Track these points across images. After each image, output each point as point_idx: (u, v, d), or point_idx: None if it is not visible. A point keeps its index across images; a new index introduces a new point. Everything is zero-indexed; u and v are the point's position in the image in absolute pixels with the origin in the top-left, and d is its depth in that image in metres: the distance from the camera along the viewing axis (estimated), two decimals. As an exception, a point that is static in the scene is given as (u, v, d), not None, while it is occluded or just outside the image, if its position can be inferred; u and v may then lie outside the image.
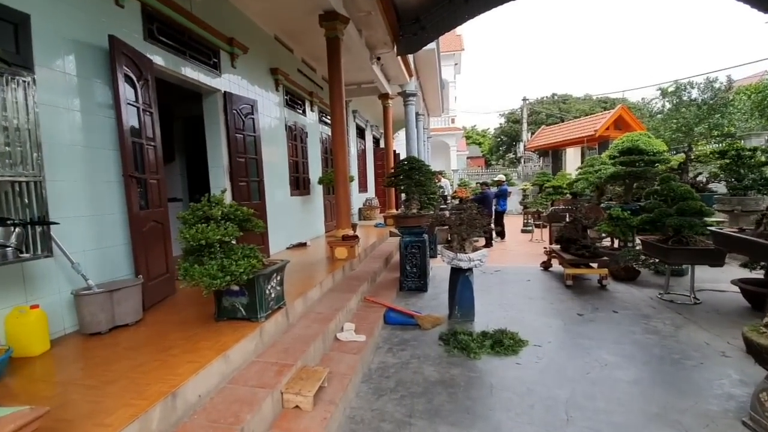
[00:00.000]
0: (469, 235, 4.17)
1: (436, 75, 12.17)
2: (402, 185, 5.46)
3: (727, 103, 16.30)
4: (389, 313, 4.31)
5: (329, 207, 9.15)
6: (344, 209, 5.52)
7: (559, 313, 4.46)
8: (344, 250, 5.41)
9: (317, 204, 8.20)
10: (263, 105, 5.94)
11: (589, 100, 32.21)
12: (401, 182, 5.43)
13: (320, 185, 8.15)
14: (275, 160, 6.32)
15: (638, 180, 7.23)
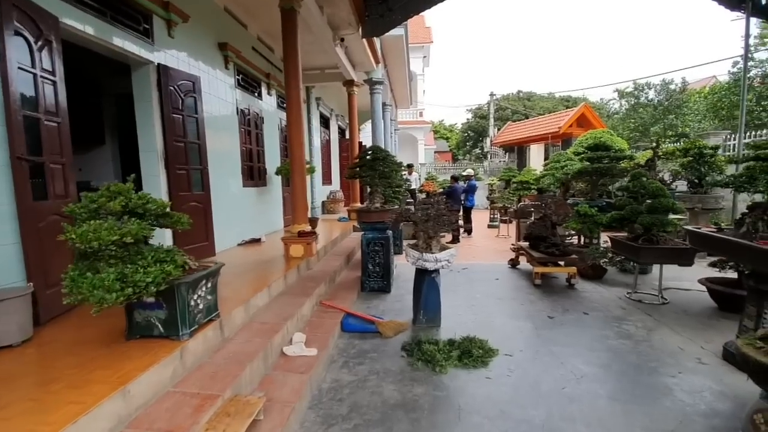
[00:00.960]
0: (436, 232, 3.78)
1: (404, 64, 11.75)
2: (365, 177, 5.00)
3: (682, 104, 17.07)
4: (347, 319, 3.87)
5: (289, 199, 8.53)
6: (301, 203, 4.99)
7: (529, 316, 4.18)
8: (300, 248, 4.89)
9: (275, 196, 7.58)
10: (209, 83, 5.26)
11: (552, 99, 32.96)
12: (364, 174, 4.97)
13: (278, 176, 7.53)
14: (224, 146, 5.66)
15: (604, 176, 7.17)
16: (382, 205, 5.06)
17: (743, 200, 7.25)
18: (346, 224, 8.74)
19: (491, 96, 22.82)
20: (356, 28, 6.82)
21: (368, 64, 9.02)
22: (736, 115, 13.15)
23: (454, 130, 45.52)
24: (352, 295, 4.63)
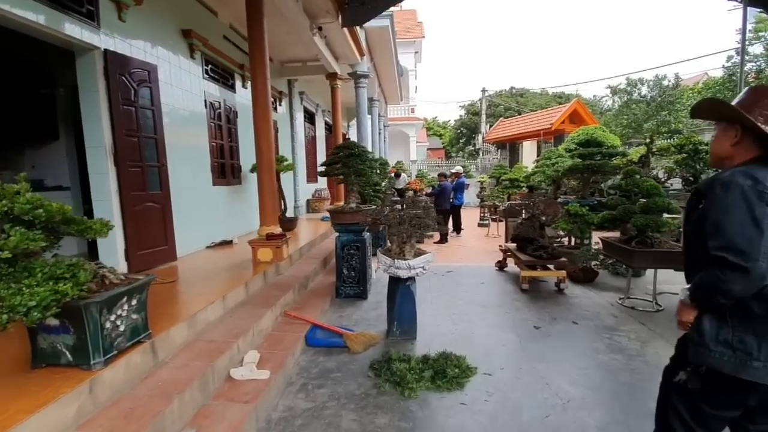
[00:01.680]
0: (410, 237, 3.42)
1: (391, 57, 11.35)
2: (338, 175, 4.62)
3: (675, 100, 16.89)
4: (313, 331, 3.50)
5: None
6: (269, 203, 4.61)
7: (514, 326, 3.85)
8: (268, 252, 4.51)
9: (252, 195, 7.15)
10: (170, 73, 4.84)
11: (545, 95, 32.74)
12: (337, 171, 4.59)
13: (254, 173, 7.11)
14: (189, 141, 5.25)
15: (596, 174, 6.87)
16: (357, 205, 4.69)
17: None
18: (328, 224, 8.36)
19: (483, 92, 22.50)
20: (335, 17, 6.42)
21: (352, 56, 8.62)
22: (730, 111, 12.93)
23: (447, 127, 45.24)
24: (324, 302, 4.27)
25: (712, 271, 1.21)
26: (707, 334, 1.27)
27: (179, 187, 4.90)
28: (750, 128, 1.25)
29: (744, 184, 1.18)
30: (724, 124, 1.34)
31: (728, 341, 1.23)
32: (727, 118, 1.32)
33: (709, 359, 1.26)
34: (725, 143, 1.32)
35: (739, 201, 1.17)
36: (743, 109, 1.25)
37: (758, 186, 1.17)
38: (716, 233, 1.21)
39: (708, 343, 1.27)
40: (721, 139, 1.34)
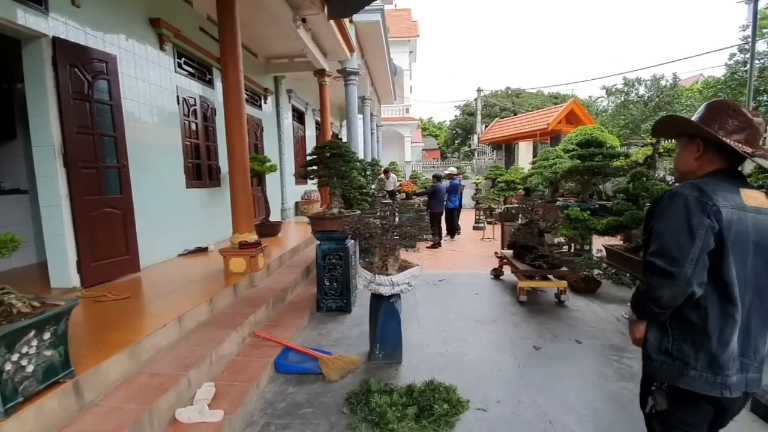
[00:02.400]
0: (395, 247, 3.03)
1: (383, 54, 10.94)
2: (319, 176, 4.22)
3: (673, 100, 16.63)
4: (286, 354, 3.10)
5: (254, 201, 7.70)
6: (243, 207, 4.20)
7: (511, 345, 3.46)
8: (241, 262, 4.10)
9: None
10: (134, 65, 4.42)
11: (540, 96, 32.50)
12: (318, 173, 4.19)
13: (236, 175, 6.67)
14: (157, 140, 4.82)
15: (596, 175, 6.51)
16: (341, 210, 4.29)
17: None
18: (315, 228, 7.95)
19: (478, 92, 22.17)
20: (320, 8, 6.01)
21: (341, 52, 8.20)
22: (730, 111, 12.65)
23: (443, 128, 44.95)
24: (302, 318, 3.86)
25: (645, 278, 1.24)
26: (651, 344, 1.29)
27: (145, 191, 4.48)
28: (711, 141, 1.26)
29: (689, 195, 1.20)
30: (686, 139, 1.34)
31: (668, 350, 1.24)
32: (688, 133, 1.33)
33: (653, 369, 1.29)
34: (689, 158, 1.33)
35: (681, 210, 1.19)
36: (703, 124, 1.26)
37: (703, 198, 1.18)
38: (654, 240, 1.24)
39: (651, 353, 1.28)
40: (684, 154, 1.35)
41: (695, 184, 1.23)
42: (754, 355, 1.20)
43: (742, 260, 1.17)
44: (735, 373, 1.17)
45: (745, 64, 12.42)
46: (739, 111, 1.25)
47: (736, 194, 1.20)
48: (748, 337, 1.19)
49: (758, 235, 1.18)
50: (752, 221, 1.18)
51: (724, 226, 1.15)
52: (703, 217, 1.16)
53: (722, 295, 1.17)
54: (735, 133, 1.22)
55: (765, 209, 1.20)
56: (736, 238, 1.16)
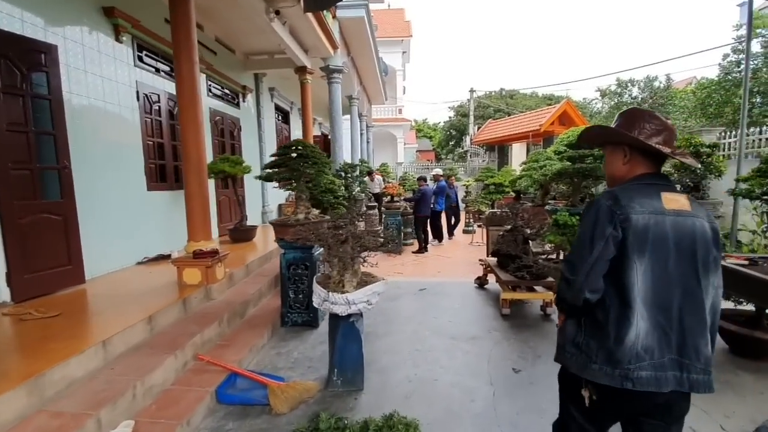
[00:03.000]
0: (354, 260, 2.68)
1: (371, 52, 10.60)
2: (283, 180, 3.87)
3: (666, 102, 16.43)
4: (231, 381, 2.73)
5: (227, 204, 7.34)
6: (198, 213, 3.83)
7: (488, 368, 3.12)
8: (196, 273, 3.73)
9: (203, 201, 6.34)
10: (82, 57, 4.05)
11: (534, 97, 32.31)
12: (281, 176, 3.83)
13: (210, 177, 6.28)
14: (112, 139, 4.45)
15: (587, 178, 6.20)
16: (307, 216, 3.93)
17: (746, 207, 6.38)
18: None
19: (471, 92, 21.90)
20: (295, 0, 5.67)
21: (323, 48, 7.87)
22: (725, 112, 12.44)
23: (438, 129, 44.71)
24: (261, 335, 3.49)
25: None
26: (567, 336, 1.35)
27: (96, 194, 4.11)
28: (635, 146, 1.33)
29: (603, 204, 1.27)
30: (611, 146, 1.40)
31: (579, 344, 1.30)
32: (614, 141, 1.39)
33: (563, 358, 1.35)
34: (617, 163, 1.39)
35: (592, 219, 1.27)
36: (624, 130, 1.32)
37: (615, 206, 1.24)
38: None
39: (565, 344, 1.35)
40: (612, 160, 1.41)
41: (614, 192, 1.30)
42: (695, 356, 1.21)
43: (664, 263, 1.22)
44: (647, 369, 1.20)
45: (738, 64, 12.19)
46: (654, 116, 1.33)
47: (656, 199, 1.25)
48: (685, 337, 1.22)
49: (678, 237, 1.23)
50: (671, 224, 1.23)
51: (632, 233, 1.21)
52: (608, 227, 1.23)
53: (621, 298, 1.23)
54: (654, 135, 1.29)
55: (685, 212, 1.25)
56: (654, 242, 1.21)
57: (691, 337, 1.22)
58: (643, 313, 1.21)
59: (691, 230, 1.24)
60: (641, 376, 1.20)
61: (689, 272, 1.23)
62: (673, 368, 1.21)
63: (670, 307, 1.22)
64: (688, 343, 1.22)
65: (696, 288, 1.23)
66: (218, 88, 7.12)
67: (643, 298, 1.21)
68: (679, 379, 1.21)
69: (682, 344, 1.22)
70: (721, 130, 7.56)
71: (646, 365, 1.20)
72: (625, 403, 1.28)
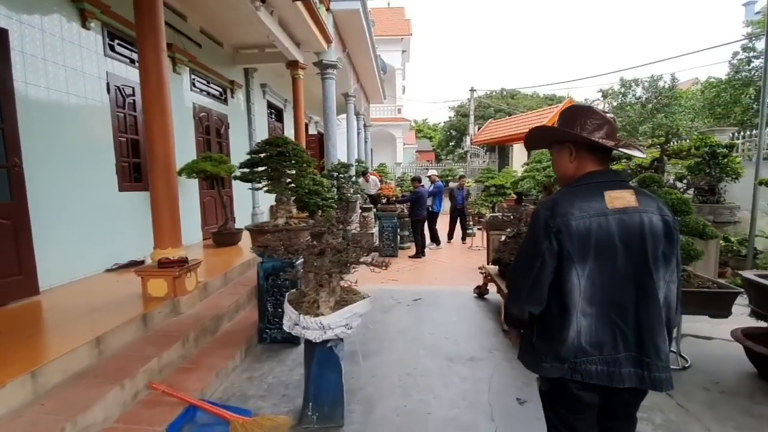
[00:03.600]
0: (332, 276, 2.28)
1: (367, 47, 10.21)
2: (260, 180, 3.48)
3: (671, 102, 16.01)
4: (187, 416, 2.34)
5: (212, 205, 6.95)
6: (166, 217, 3.43)
7: (489, 398, 2.72)
8: (161, 285, 3.34)
9: (186, 202, 5.92)
10: (41, 44, 3.66)
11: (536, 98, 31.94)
12: (257, 176, 3.44)
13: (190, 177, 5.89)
14: (76, 135, 4.06)
15: (594, 180, 5.81)
16: (288, 221, 3.54)
17: (764, 212, 5.99)
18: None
19: (471, 92, 21.50)
20: (281, -14, 5.29)
21: (316, 42, 7.48)
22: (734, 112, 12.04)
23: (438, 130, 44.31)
24: (231, 357, 3.09)
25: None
26: (525, 340, 1.42)
27: (55, 195, 3.72)
28: (580, 143, 1.34)
29: (541, 217, 1.28)
30: (557, 146, 1.41)
31: (533, 345, 1.35)
32: (559, 140, 1.40)
33: (523, 359, 1.41)
34: (564, 162, 1.39)
35: (532, 232, 1.31)
36: (566, 128, 1.34)
37: (550, 219, 1.25)
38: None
39: (524, 346, 1.42)
40: (560, 159, 1.41)
41: (554, 199, 1.31)
42: (656, 354, 1.22)
43: (612, 262, 1.23)
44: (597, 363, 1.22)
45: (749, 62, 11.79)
46: (593, 111, 1.34)
47: (599, 200, 1.25)
48: (643, 335, 1.22)
49: (625, 234, 1.23)
50: (616, 223, 1.23)
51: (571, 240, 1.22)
52: (544, 241, 1.25)
53: (561, 303, 1.25)
54: (596, 130, 1.30)
55: (631, 208, 1.24)
56: (599, 244, 1.22)
57: (650, 334, 1.22)
58: (587, 311, 1.23)
59: (638, 226, 1.23)
60: (590, 370, 1.22)
61: (641, 269, 1.23)
62: (632, 365, 1.22)
63: (625, 304, 1.23)
64: (646, 340, 1.22)
65: (650, 284, 1.22)
66: (203, 83, 6.72)
67: (589, 298, 1.22)
68: (641, 377, 1.22)
69: (640, 342, 1.22)
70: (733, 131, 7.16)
71: (595, 359, 1.22)
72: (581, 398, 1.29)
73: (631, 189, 1.29)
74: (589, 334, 1.22)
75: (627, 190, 1.28)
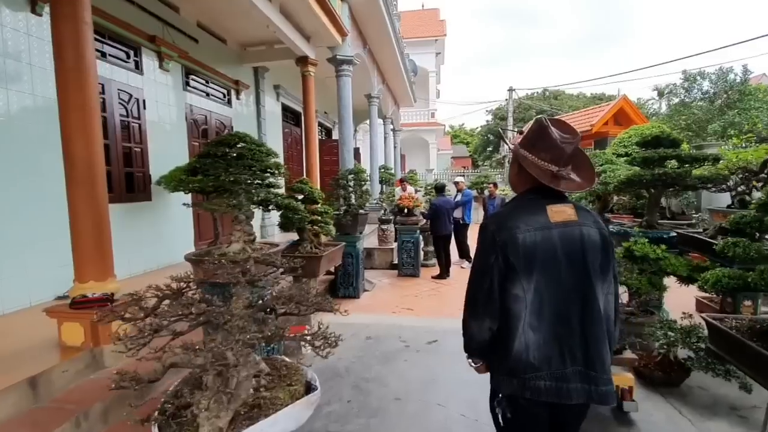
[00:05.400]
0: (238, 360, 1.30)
1: (391, 42, 9.31)
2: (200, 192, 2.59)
3: (744, 97, 13.84)
4: None
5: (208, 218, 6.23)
6: (87, 239, 2.61)
7: None
8: (77, 330, 2.52)
9: (168, 215, 5.23)
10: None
11: (582, 98, 29.68)
12: (194, 187, 2.55)
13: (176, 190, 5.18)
14: (27, 140, 3.41)
15: (668, 188, 4.47)
16: (245, 248, 2.62)
17: None
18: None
19: (510, 92, 20.02)
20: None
21: (327, 35, 6.65)
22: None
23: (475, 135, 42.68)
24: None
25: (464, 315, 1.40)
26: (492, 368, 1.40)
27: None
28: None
29: (488, 231, 1.32)
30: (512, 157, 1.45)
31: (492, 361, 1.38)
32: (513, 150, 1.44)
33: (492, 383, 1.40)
34: (512, 174, 1.46)
35: (480, 249, 1.34)
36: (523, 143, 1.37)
37: (497, 233, 1.28)
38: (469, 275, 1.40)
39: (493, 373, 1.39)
40: (510, 170, 1.49)
41: (499, 214, 1.39)
42: (601, 367, 1.22)
43: (556, 275, 1.24)
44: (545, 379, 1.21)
45: None
46: (547, 133, 1.31)
47: (542, 213, 1.28)
48: (589, 348, 1.22)
49: (567, 247, 1.25)
50: (559, 236, 1.25)
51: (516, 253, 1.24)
52: (492, 254, 1.28)
53: (508, 314, 1.26)
54: (544, 152, 1.31)
55: (571, 222, 1.28)
56: (543, 257, 1.24)
57: (595, 348, 1.23)
58: (534, 325, 1.23)
59: (578, 239, 1.26)
60: (538, 386, 1.21)
61: (583, 281, 1.25)
62: (579, 380, 1.21)
63: (569, 317, 1.24)
64: (591, 353, 1.22)
65: (591, 296, 1.24)
66: (201, 82, 6.07)
67: (535, 311, 1.23)
68: (588, 392, 1.21)
69: (586, 355, 1.22)
70: None
71: (543, 375, 1.21)
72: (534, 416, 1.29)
73: (571, 204, 1.33)
74: (538, 349, 1.22)
75: (567, 205, 1.32)
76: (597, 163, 6.01)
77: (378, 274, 6.95)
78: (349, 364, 3.34)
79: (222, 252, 2.51)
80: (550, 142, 1.30)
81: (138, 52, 4.77)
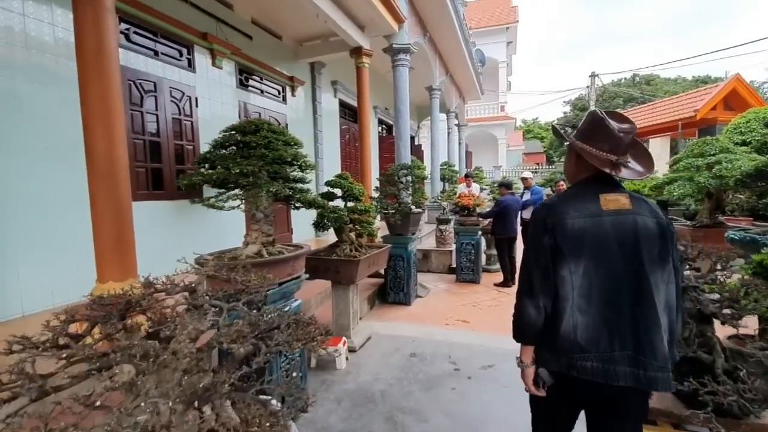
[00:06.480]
0: None
1: (454, 28, 8.68)
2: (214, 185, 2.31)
3: None
4: None
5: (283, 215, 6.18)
6: (108, 237, 2.48)
7: None
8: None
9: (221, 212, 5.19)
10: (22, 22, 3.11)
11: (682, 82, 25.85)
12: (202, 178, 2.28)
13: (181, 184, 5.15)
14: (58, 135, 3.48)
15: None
16: (263, 250, 2.30)
17: None
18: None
19: (592, 78, 17.96)
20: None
21: (383, 23, 6.27)
22: None
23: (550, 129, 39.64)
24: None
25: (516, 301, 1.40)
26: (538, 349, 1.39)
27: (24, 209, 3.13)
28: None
29: (539, 216, 1.37)
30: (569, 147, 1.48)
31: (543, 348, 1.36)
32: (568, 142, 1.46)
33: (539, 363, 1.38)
34: (570, 164, 1.48)
35: (533, 231, 1.37)
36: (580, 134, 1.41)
37: (548, 216, 1.33)
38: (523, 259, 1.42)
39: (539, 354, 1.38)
40: (567, 160, 1.51)
41: (551, 201, 1.41)
42: (651, 353, 1.22)
43: (607, 261, 1.26)
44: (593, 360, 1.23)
45: None
46: (605, 125, 1.33)
47: (594, 201, 1.31)
48: (639, 334, 1.23)
49: (620, 235, 1.26)
50: (611, 224, 1.27)
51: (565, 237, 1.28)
52: (544, 236, 1.31)
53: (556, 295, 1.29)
54: (602, 142, 1.34)
55: (624, 210, 1.29)
56: (593, 243, 1.27)
57: (646, 334, 1.22)
58: (583, 308, 1.25)
59: (632, 227, 1.27)
60: (585, 366, 1.24)
61: (637, 269, 1.24)
62: (627, 364, 1.22)
63: (619, 303, 1.24)
64: (642, 339, 1.22)
65: (645, 285, 1.23)
66: (255, 79, 6.04)
67: (584, 294, 1.25)
68: (636, 376, 1.22)
69: (636, 341, 1.23)
70: None
71: (591, 356, 1.24)
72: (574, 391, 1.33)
73: (626, 193, 1.33)
74: (586, 330, 1.24)
75: (622, 194, 1.32)
76: (708, 152, 4.83)
77: (434, 278, 6.41)
78: (386, 387, 2.89)
79: (233, 255, 2.21)
80: (607, 132, 1.32)
81: (191, 50, 4.80)
